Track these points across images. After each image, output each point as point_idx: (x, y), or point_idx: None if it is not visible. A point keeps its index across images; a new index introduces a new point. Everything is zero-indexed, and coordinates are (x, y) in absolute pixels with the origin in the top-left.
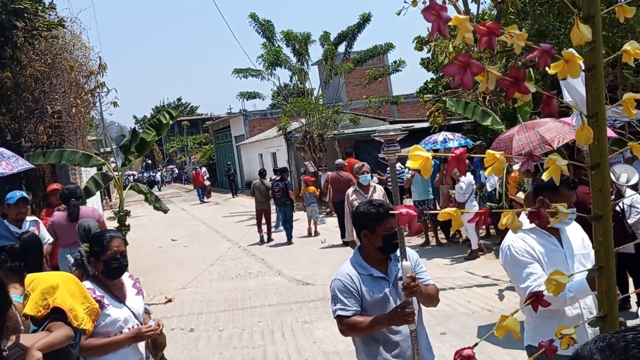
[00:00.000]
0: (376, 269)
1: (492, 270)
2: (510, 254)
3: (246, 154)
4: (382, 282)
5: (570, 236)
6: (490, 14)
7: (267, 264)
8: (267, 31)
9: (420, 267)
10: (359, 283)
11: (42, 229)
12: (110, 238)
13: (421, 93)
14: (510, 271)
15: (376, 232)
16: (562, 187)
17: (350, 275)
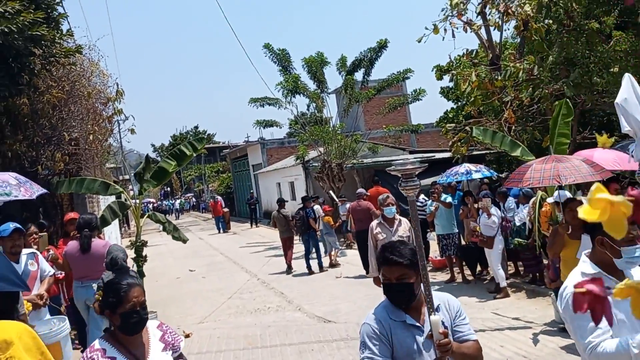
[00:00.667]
0: (410, 316)
1: (524, 312)
2: (567, 302)
3: (264, 183)
4: (416, 332)
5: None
6: (513, 43)
7: (287, 298)
8: (283, 60)
9: (462, 318)
10: (389, 330)
11: (41, 261)
12: (128, 287)
13: (442, 122)
14: (570, 323)
15: (384, 279)
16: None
17: (381, 320)
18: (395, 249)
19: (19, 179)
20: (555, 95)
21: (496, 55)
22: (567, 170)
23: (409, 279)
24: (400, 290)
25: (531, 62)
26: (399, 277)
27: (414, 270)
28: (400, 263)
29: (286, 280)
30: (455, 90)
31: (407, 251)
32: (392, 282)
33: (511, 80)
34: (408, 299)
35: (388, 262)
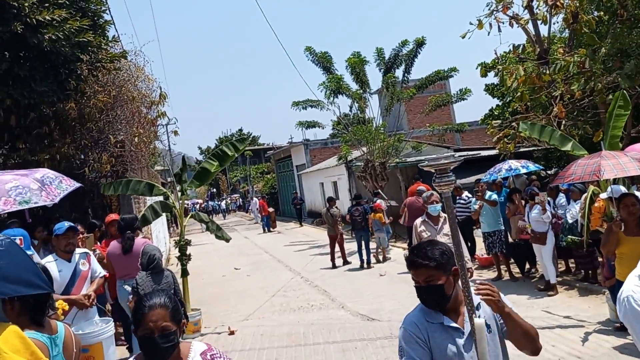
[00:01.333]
0: (448, 317)
1: (576, 310)
2: (630, 307)
3: (307, 183)
4: (455, 334)
5: None
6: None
7: (330, 296)
8: (325, 61)
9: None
10: (427, 333)
11: (93, 261)
12: (148, 309)
13: (487, 120)
14: (632, 328)
15: (414, 282)
16: None
17: (417, 323)
18: (422, 251)
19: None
20: (609, 87)
21: (544, 49)
22: (609, 166)
23: (437, 280)
24: (429, 293)
25: (582, 54)
26: (426, 279)
27: (443, 272)
28: (426, 265)
29: (330, 278)
30: (500, 87)
31: (435, 252)
32: (420, 285)
33: (561, 74)
34: (438, 301)
35: (414, 264)
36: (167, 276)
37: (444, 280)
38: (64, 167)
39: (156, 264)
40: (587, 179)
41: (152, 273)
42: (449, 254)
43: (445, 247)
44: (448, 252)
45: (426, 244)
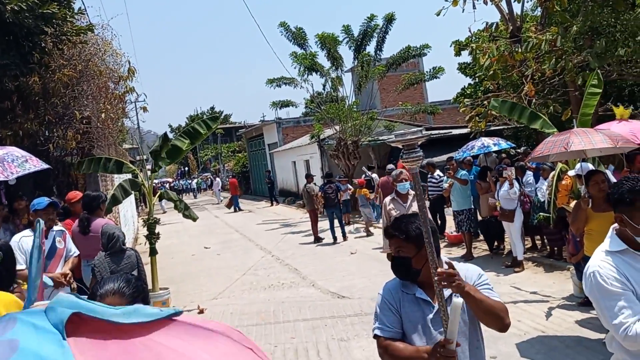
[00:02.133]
0: (422, 290)
1: (541, 286)
2: (596, 282)
3: (279, 162)
4: (426, 307)
5: None
6: (532, 15)
7: (301, 274)
8: (299, 38)
9: (482, 284)
10: (399, 301)
11: (68, 240)
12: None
13: (459, 99)
14: (597, 303)
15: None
16: (639, 198)
17: (392, 291)
18: (397, 222)
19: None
20: (579, 66)
21: (517, 27)
22: (578, 139)
23: (406, 253)
24: (397, 264)
25: (554, 33)
26: (396, 249)
27: (413, 245)
28: (397, 236)
29: (300, 256)
30: (473, 66)
31: (410, 226)
32: (392, 255)
33: (533, 53)
34: (405, 273)
35: (387, 233)
36: (129, 256)
37: (413, 254)
38: (27, 144)
39: (114, 244)
40: (556, 151)
41: (111, 254)
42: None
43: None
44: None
45: (407, 217)
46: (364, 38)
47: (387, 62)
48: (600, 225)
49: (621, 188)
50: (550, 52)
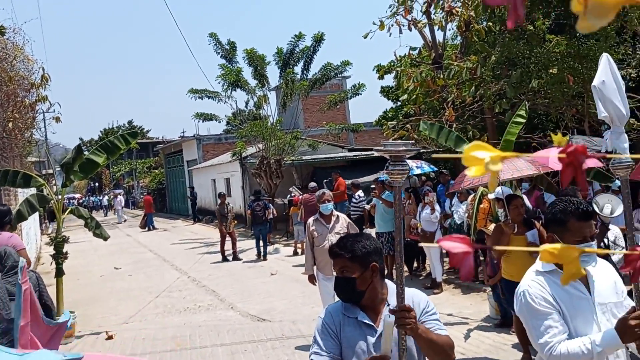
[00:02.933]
0: (365, 314)
1: (459, 308)
2: (525, 301)
3: (198, 179)
4: (368, 331)
5: (599, 280)
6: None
7: (219, 296)
8: (229, 52)
9: (430, 314)
10: (339, 325)
11: None
12: None
13: (381, 121)
14: (525, 322)
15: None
16: (571, 219)
17: (333, 315)
18: (342, 241)
19: None
20: (497, 94)
21: (439, 54)
22: (505, 168)
23: (350, 273)
24: (341, 285)
25: (474, 61)
26: (341, 269)
27: (359, 265)
28: (341, 255)
29: (219, 277)
30: (395, 90)
31: (356, 245)
32: (336, 275)
33: (454, 79)
34: (349, 294)
35: (331, 253)
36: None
37: (358, 274)
38: None
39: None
40: (485, 180)
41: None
42: (372, 249)
43: (370, 243)
44: (371, 247)
45: (354, 235)
46: (290, 56)
47: (311, 80)
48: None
49: (554, 208)
50: (471, 80)
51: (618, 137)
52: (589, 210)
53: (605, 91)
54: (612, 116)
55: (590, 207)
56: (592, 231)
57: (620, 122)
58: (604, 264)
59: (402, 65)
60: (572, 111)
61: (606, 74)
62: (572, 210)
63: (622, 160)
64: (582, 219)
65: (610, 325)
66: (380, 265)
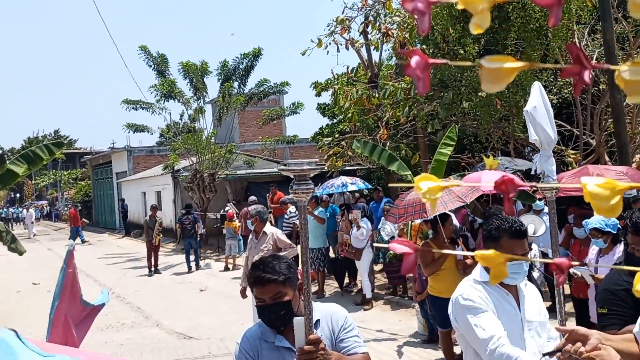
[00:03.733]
0: (283, 337)
1: (389, 324)
2: (462, 304)
3: (128, 192)
4: (286, 355)
5: (528, 299)
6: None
7: (144, 313)
8: (161, 64)
9: (348, 330)
10: (257, 351)
11: None
12: None
13: (317, 137)
14: (464, 324)
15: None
16: (504, 236)
17: (250, 340)
18: (268, 265)
19: None
20: (429, 114)
21: (375, 74)
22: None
23: (285, 296)
24: (276, 312)
25: (409, 82)
26: (274, 296)
27: (290, 287)
28: (275, 280)
29: (145, 293)
30: (332, 107)
31: (282, 265)
32: (266, 303)
33: (389, 99)
34: (286, 319)
35: (260, 280)
36: None
37: (292, 296)
38: None
39: None
40: (418, 217)
41: None
42: (295, 267)
43: (290, 261)
44: (293, 265)
45: (270, 258)
46: (234, 72)
47: (247, 95)
48: (447, 265)
49: (490, 225)
50: (405, 100)
51: (546, 160)
52: (522, 230)
53: (537, 116)
54: (542, 140)
55: (523, 227)
56: (524, 250)
57: (548, 146)
58: (531, 287)
59: (339, 83)
60: (498, 133)
61: (537, 100)
62: (505, 228)
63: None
64: (514, 237)
65: (534, 343)
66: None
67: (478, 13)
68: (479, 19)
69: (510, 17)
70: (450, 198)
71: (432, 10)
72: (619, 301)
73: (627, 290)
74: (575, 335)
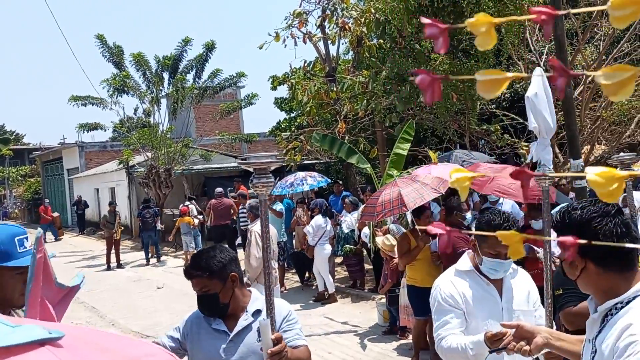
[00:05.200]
0: (221, 320)
1: (349, 316)
2: (434, 296)
3: (79, 189)
4: (221, 336)
5: (515, 289)
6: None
7: (99, 313)
8: (116, 55)
9: (290, 323)
10: (197, 329)
11: None
12: None
13: (275, 132)
14: (432, 315)
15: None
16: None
17: (192, 318)
18: (196, 260)
19: None
20: (387, 108)
21: (332, 67)
22: (410, 196)
23: (212, 289)
24: (203, 302)
25: (366, 76)
26: (202, 289)
27: (218, 280)
28: (199, 275)
29: (100, 292)
30: (289, 101)
31: (210, 261)
32: (198, 294)
33: (348, 93)
34: (214, 309)
35: (189, 275)
36: None
37: (219, 289)
38: None
39: None
40: (398, 212)
41: None
42: (228, 260)
43: (225, 255)
44: (227, 259)
45: (206, 251)
46: (179, 62)
47: (202, 88)
48: (423, 256)
49: (482, 218)
50: (363, 94)
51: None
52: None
53: (537, 103)
54: (541, 128)
55: (515, 226)
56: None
57: (547, 135)
58: (524, 277)
59: (296, 77)
60: (454, 126)
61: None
62: (495, 225)
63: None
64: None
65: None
66: (239, 273)
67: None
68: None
69: (464, 12)
70: (426, 190)
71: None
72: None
73: None
74: (520, 332)
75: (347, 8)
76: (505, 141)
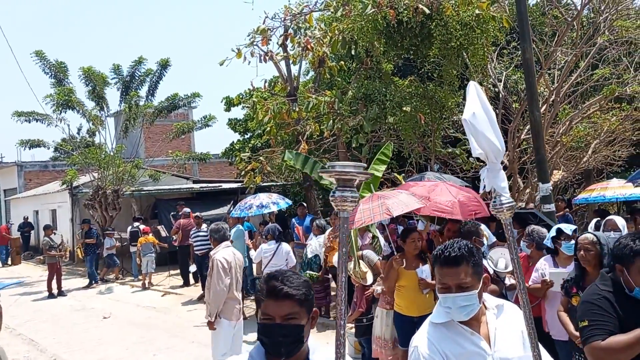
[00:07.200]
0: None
1: None
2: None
3: (18, 210)
4: None
5: (504, 332)
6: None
7: (39, 347)
8: (59, 71)
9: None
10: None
11: None
12: None
13: (228, 153)
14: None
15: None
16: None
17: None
18: (287, 278)
19: None
20: (354, 129)
21: (294, 87)
22: (395, 204)
23: (299, 319)
24: (285, 334)
25: (331, 95)
26: (287, 315)
27: (306, 310)
28: (293, 296)
29: (39, 324)
30: (243, 123)
31: (302, 283)
32: (274, 322)
33: (313, 112)
34: (292, 348)
35: (276, 293)
36: None
37: (305, 321)
38: None
39: None
40: (379, 218)
41: None
42: (312, 289)
43: (308, 279)
44: (311, 285)
45: (290, 272)
46: (132, 80)
47: (156, 108)
48: (410, 282)
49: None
50: (329, 114)
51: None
52: (451, 256)
53: (477, 125)
54: (488, 153)
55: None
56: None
57: (496, 159)
58: (512, 312)
59: (256, 96)
60: (420, 148)
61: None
62: (436, 255)
63: (502, 202)
64: (443, 265)
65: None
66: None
67: None
68: None
69: (432, 33)
70: (380, 211)
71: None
72: (600, 311)
73: (606, 299)
74: None
75: (311, 28)
76: (470, 164)
